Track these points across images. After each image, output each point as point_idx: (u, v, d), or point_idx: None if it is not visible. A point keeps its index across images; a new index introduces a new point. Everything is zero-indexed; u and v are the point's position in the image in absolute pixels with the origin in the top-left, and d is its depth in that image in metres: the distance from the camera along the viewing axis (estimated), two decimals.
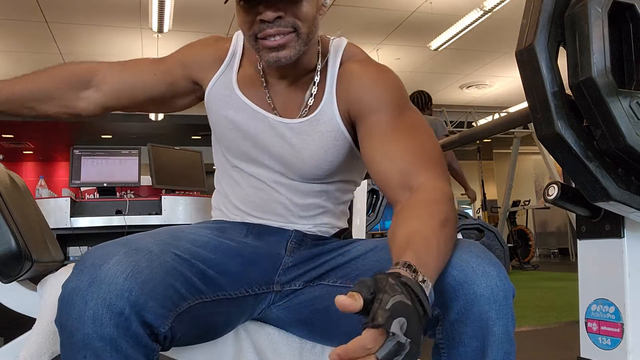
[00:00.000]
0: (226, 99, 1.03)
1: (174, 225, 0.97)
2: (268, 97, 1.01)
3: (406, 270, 0.65)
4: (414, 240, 0.73)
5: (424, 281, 0.65)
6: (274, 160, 1.00)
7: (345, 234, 1.11)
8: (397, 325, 0.56)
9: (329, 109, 0.97)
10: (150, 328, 0.73)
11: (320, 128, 0.98)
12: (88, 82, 1.08)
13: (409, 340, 0.56)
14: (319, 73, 0.99)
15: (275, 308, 0.98)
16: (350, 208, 1.93)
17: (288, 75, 1.00)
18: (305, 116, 0.99)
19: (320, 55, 1.00)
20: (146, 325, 0.73)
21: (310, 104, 0.99)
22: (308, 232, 1.02)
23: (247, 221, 1.03)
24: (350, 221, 1.90)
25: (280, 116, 1.00)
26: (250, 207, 1.03)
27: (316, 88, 0.99)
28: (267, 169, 1.02)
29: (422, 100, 4.21)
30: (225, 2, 0.91)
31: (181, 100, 1.12)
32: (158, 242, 0.83)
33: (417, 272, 0.66)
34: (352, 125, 0.98)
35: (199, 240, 0.91)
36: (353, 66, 0.99)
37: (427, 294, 0.64)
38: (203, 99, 1.08)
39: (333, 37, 1.05)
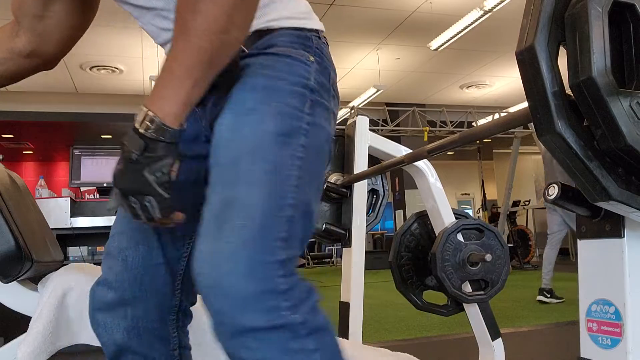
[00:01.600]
0: None
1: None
2: None
3: (137, 121, 0.68)
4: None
5: (151, 121, 0.67)
6: None
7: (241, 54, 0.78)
8: (113, 198, 0.72)
9: None
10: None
11: None
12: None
13: (119, 191, 0.70)
14: None
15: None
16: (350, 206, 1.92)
17: None
18: None
19: None
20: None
21: None
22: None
23: None
24: (350, 221, 1.90)
25: None
26: None
27: None
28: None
29: None
30: None
31: None
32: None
33: (146, 117, 0.67)
34: None
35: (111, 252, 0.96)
36: None
37: (148, 129, 0.67)
38: None
39: None
